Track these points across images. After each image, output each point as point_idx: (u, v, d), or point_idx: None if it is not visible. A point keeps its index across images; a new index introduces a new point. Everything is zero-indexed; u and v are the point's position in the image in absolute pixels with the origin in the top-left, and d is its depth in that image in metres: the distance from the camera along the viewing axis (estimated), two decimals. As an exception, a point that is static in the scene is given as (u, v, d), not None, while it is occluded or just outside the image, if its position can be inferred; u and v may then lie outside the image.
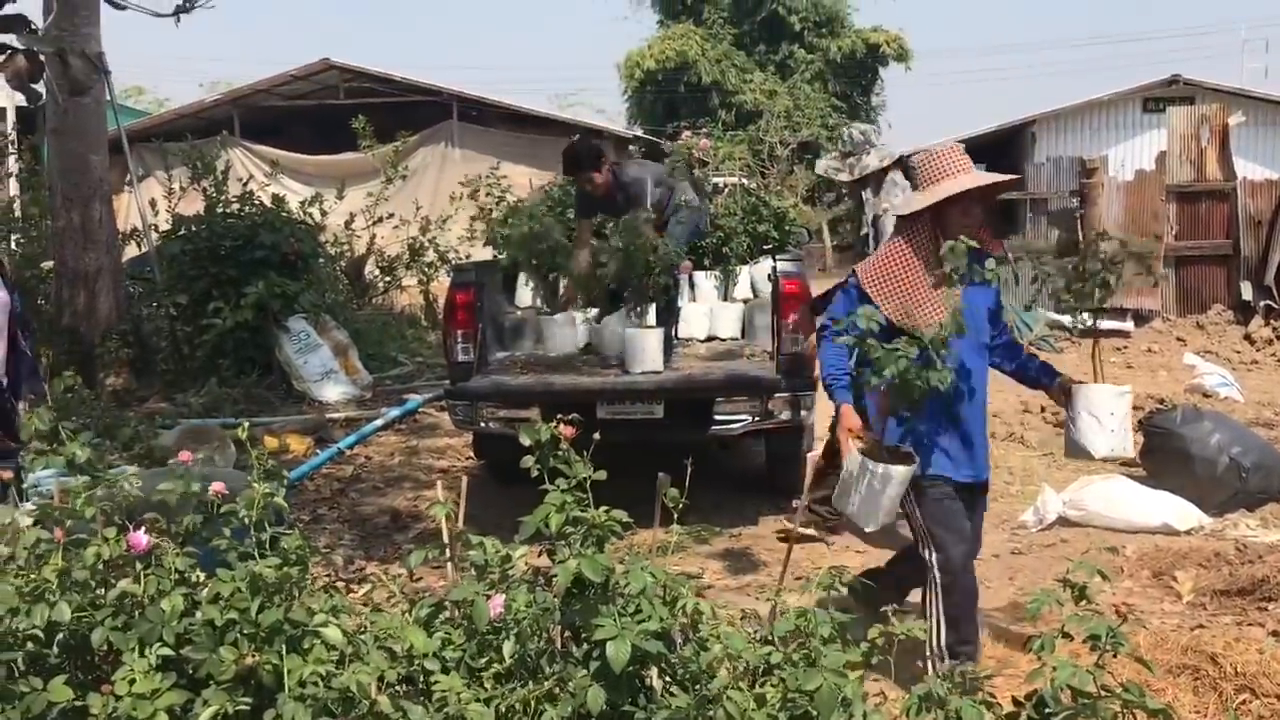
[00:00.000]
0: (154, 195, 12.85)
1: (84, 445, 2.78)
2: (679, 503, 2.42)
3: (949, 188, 3.75)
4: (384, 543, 6.17)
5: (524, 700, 2.18)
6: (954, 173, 3.78)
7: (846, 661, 2.07)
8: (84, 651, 2.35)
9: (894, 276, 3.82)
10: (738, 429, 6.19)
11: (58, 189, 10.23)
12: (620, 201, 6.86)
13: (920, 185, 3.90)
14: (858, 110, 32.43)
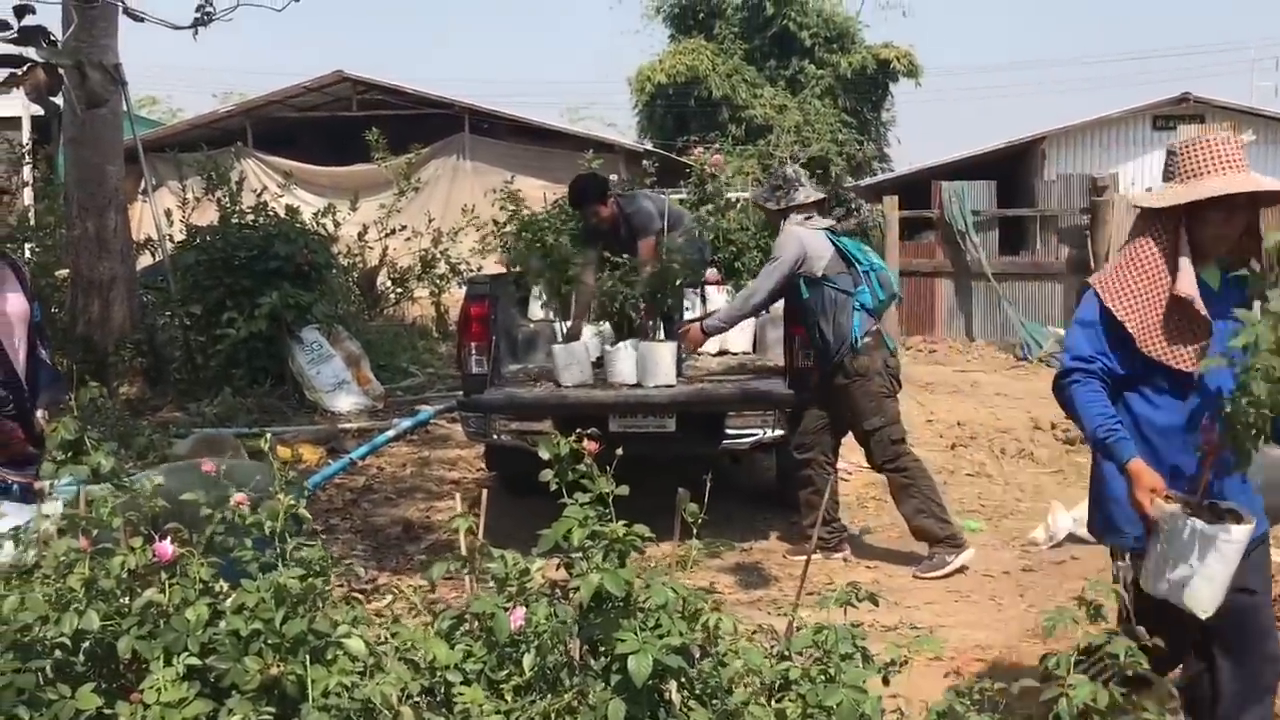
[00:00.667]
0: (168, 205, 12.93)
1: (108, 454, 2.82)
2: (698, 518, 2.44)
3: (1216, 186, 2.98)
4: (396, 553, 6.20)
5: (544, 713, 2.20)
6: (1225, 168, 3.00)
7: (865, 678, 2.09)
8: (110, 660, 2.38)
9: (1137, 289, 3.06)
10: (749, 443, 6.21)
11: (73, 198, 10.30)
12: (624, 234, 6.97)
13: (1179, 176, 3.09)
14: (867, 125, 32.49)
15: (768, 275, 5.90)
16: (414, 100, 19.61)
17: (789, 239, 5.89)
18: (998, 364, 13.28)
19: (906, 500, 5.77)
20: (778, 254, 5.90)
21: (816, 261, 5.82)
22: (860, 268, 5.88)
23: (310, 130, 20.51)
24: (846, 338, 5.74)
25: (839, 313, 5.76)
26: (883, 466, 5.90)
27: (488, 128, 20.18)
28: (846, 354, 5.74)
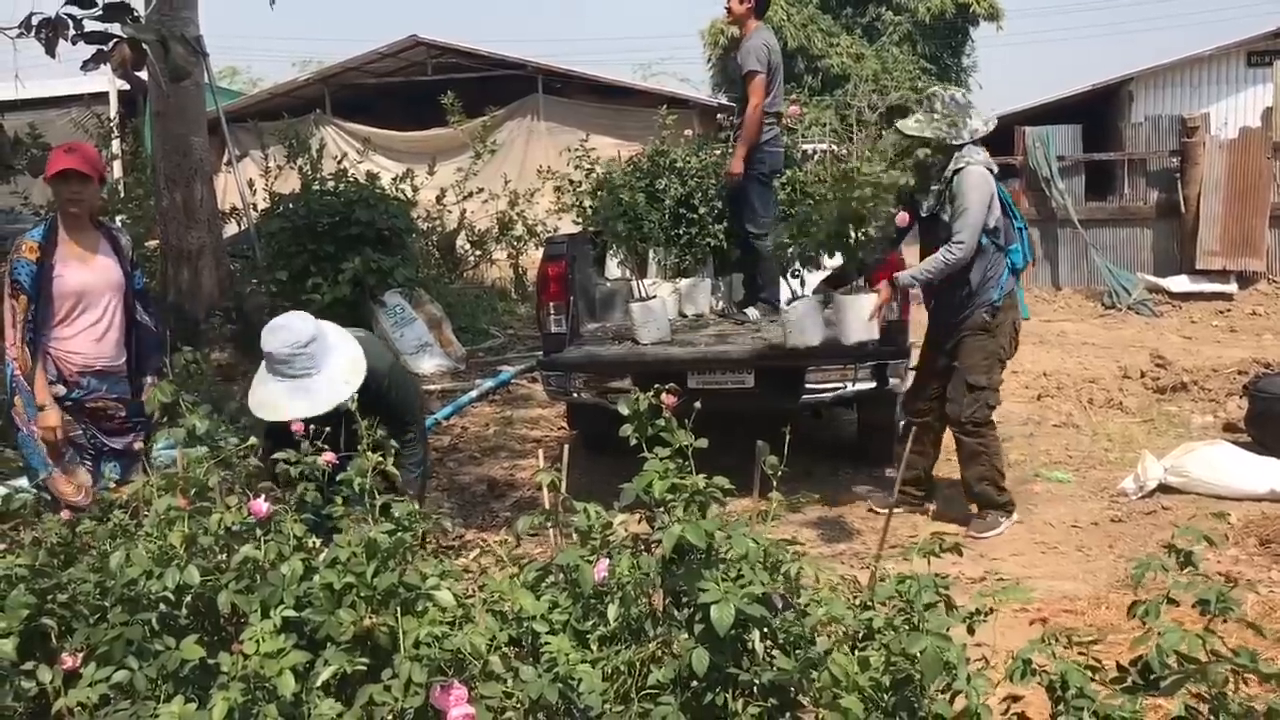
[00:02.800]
0: (251, 174, 13.18)
1: (203, 418, 2.91)
2: (778, 470, 2.45)
3: None
4: (482, 511, 6.31)
5: (629, 662, 2.24)
6: None
7: (949, 626, 2.09)
8: (211, 613, 2.47)
9: None
10: (829, 397, 6.18)
11: (161, 170, 10.54)
12: (736, 60, 7.01)
13: None
14: (948, 72, 31.76)
15: (972, 224, 5.27)
16: (488, 62, 19.64)
17: (979, 178, 5.32)
18: (1085, 312, 13.00)
19: (974, 466, 5.61)
20: (971, 194, 5.29)
21: (995, 207, 5.40)
22: (1016, 223, 5.55)
23: (387, 96, 20.66)
24: (990, 295, 5.42)
25: (990, 267, 5.39)
26: (965, 427, 5.55)
27: (561, 87, 20.15)
28: (985, 310, 5.42)
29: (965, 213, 5.28)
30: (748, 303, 7.04)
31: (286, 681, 2.08)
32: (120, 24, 3.89)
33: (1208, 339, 11.32)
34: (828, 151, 8.20)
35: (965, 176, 5.31)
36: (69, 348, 4.37)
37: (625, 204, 7.02)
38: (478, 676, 2.16)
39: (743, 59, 6.81)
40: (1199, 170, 13.24)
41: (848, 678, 1.92)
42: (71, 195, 4.33)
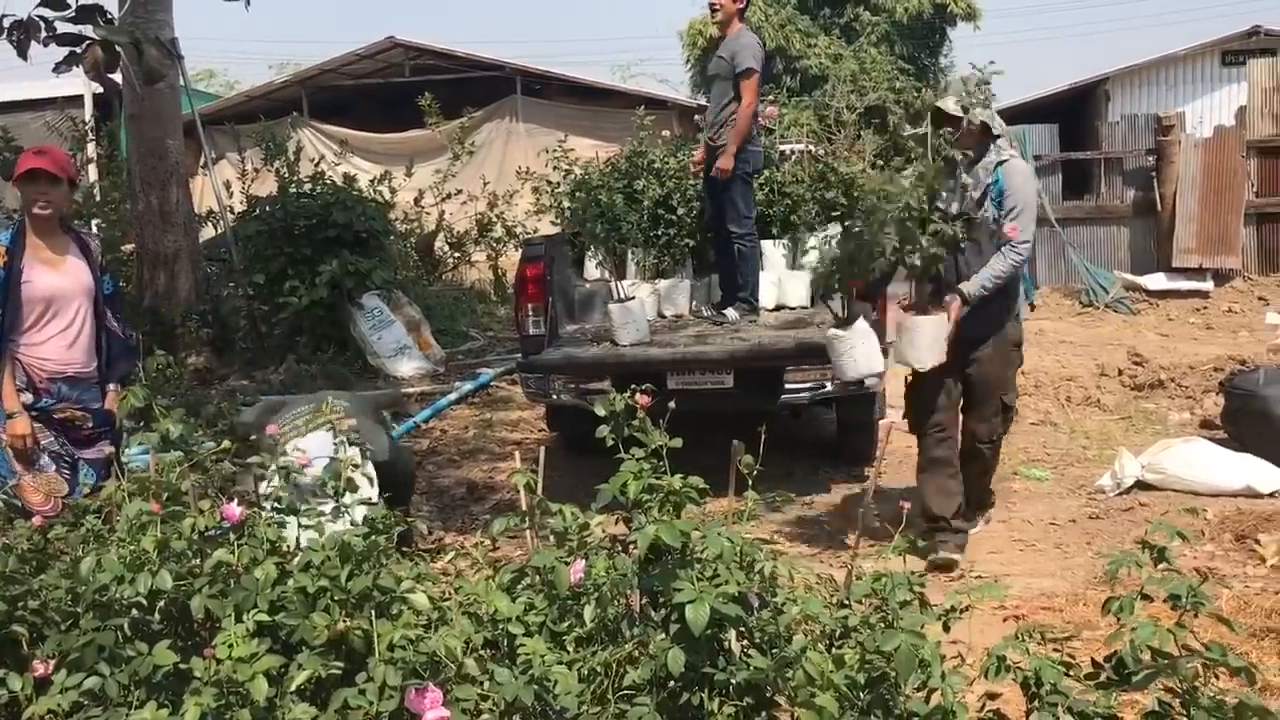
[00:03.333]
0: (228, 177, 13.10)
1: (177, 422, 2.89)
2: (753, 469, 2.44)
3: None
4: (461, 514, 6.29)
5: (605, 663, 2.23)
6: None
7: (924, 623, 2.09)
8: (184, 618, 2.45)
9: None
10: (808, 397, 6.19)
11: (136, 174, 10.47)
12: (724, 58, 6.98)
13: None
14: (926, 72, 31.88)
15: (1027, 222, 4.90)
16: (466, 64, 19.61)
17: (1027, 171, 5.04)
18: (1063, 310, 13.07)
19: (982, 475, 5.45)
20: (1026, 189, 4.96)
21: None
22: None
23: (364, 98, 20.61)
24: (1018, 305, 5.18)
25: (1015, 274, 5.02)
26: (988, 440, 5.26)
27: (539, 89, 20.14)
28: (1010, 321, 5.12)
29: (1023, 210, 4.88)
30: (726, 303, 7.05)
31: (260, 686, 2.07)
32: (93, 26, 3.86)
33: (1184, 336, 11.40)
34: (805, 152, 8.23)
35: (1013, 169, 4.91)
36: (39, 354, 4.32)
37: (603, 205, 7.03)
38: (453, 679, 2.15)
39: (738, 57, 6.81)
40: (1175, 169, 13.34)
41: (823, 676, 1.93)
42: (39, 196, 4.28)
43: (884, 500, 5.28)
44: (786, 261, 7.47)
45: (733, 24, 6.94)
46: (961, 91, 4.90)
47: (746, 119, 6.75)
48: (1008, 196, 4.86)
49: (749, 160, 6.83)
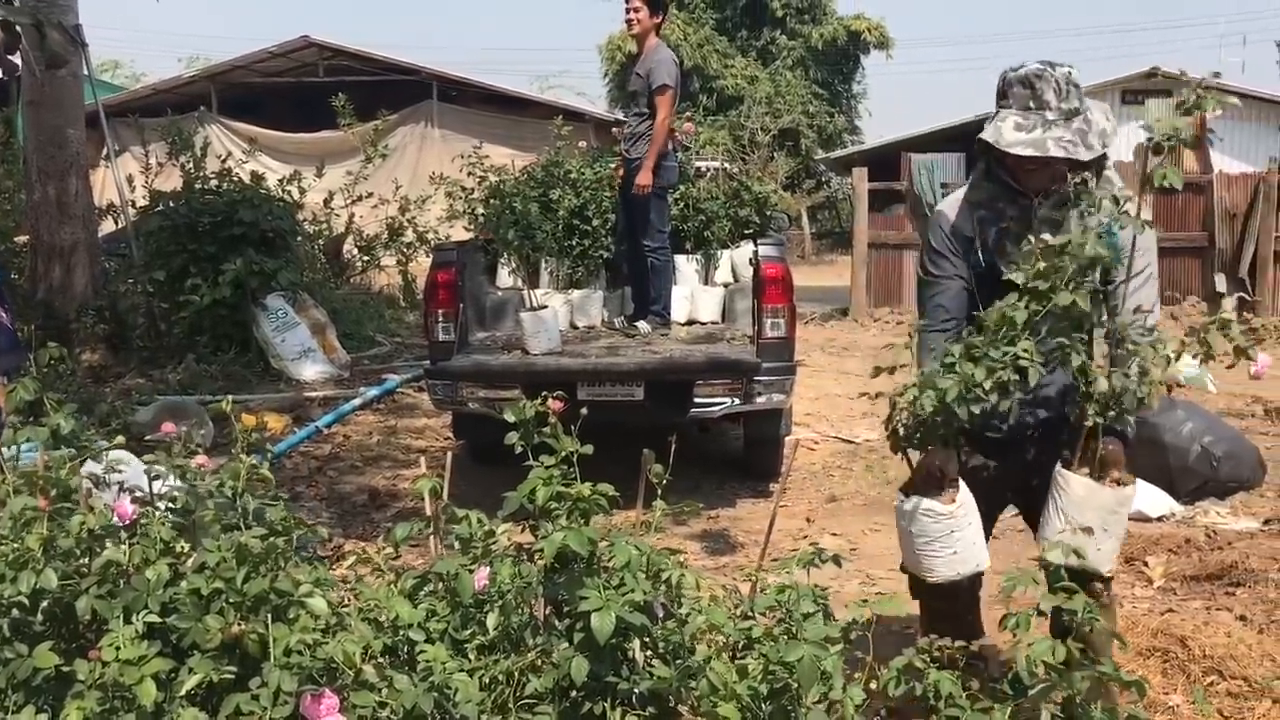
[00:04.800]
0: (131, 171, 12.76)
1: (68, 417, 2.79)
2: (663, 479, 2.44)
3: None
4: (362, 521, 6.18)
5: (508, 671, 2.21)
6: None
7: (825, 636, 2.11)
8: (69, 620, 2.36)
9: None
10: (717, 412, 6.22)
11: (33, 162, 10.14)
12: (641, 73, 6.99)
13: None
14: (838, 98, 32.49)
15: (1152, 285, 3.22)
16: (381, 66, 19.43)
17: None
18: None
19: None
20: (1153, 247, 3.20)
21: None
22: None
23: (276, 96, 20.27)
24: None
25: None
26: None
27: (456, 95, 20.03)
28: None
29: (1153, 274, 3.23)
30: (638, 316, 7.06)
31: (147, 690, 1.99)
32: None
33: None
34: (720, 169, 8.30)
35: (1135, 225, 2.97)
36: None
37: (518, 213, 7.00)
38: (350, 685, 2.10)
39: (654, 74, 6.83)
40: (1074, 201, 13.74)
41: (726, 686, 1.93)
42: None
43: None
44: (700, 277, 7.51)
45: (649, 39, 6.96)
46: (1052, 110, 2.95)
47: (661, 134, 6.79)
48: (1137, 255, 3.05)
49: (664, 175, 6.86)
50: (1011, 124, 2.95)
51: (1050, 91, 2.94)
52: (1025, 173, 3.02)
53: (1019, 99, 2.96)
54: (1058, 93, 2.93)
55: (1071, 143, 2.93)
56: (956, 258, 3.15)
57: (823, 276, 21.38)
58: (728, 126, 26.94)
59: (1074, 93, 2.95)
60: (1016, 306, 2.68)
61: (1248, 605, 4.60)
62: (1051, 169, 2.98)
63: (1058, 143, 2.92)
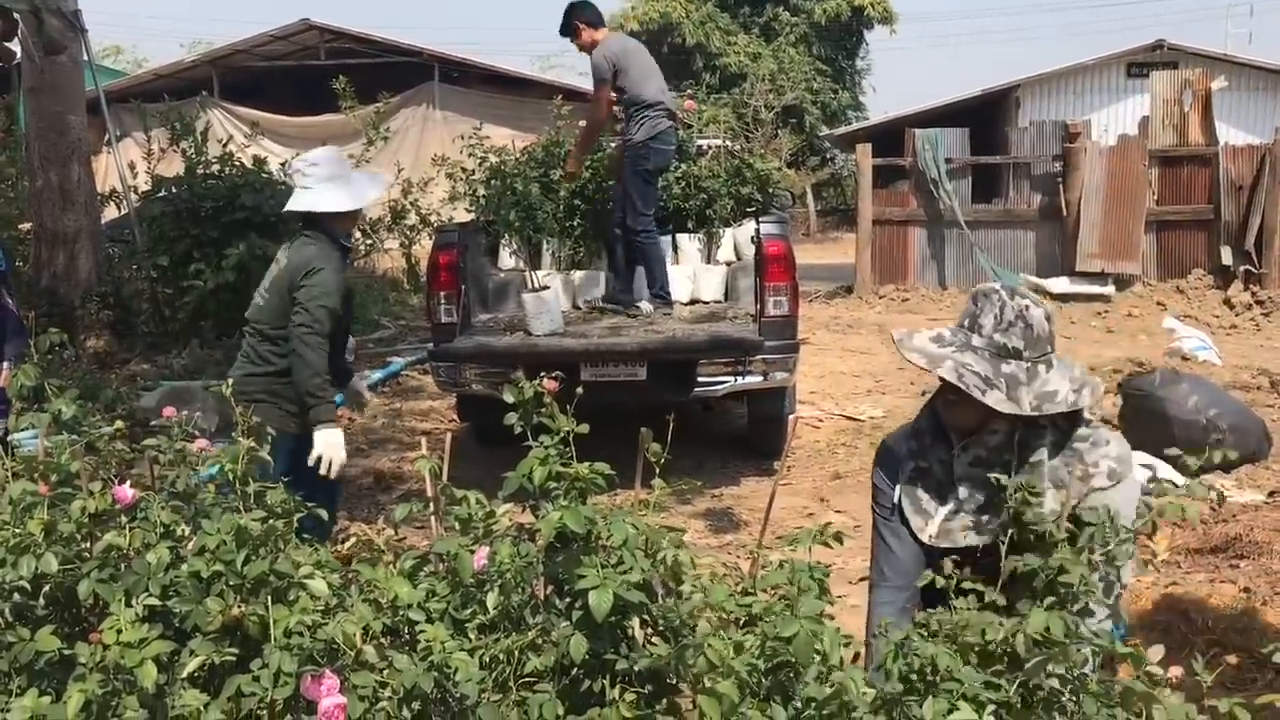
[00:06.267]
0: (133, 157, 12.74)
1: (70, 402, 2.80)
2: (661, 457, 2.44)
3: None
4: (367, 503, 6.20)
5: (508, 650, 2.21)
6: None
7: (822, 611, 2.11)
8: (70, 603, 2.37)
9: None
10: (720, 391, 6.23)
11: (35, 149, 10.13)
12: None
13: None
14: (842, 74, 32.32)
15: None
16: (382, 49, 19.37)
17: (1135, 488, 2.61)
18: (969, 312, 13.33)
19: None
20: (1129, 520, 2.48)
21: None
22: None
23: (277, 80, 20.22)
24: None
25: None
26: None
27: (457, 77, 19.97)
28: None
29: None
30: (640, 296, 7.05)
31: (148, 672, 2.00)
32: (-12, -8, 3.72)
33: (1086, 339, 11.70)
34: (722, 147, 8.27)
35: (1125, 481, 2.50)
36: None
37: (519, 193, 6.99)
38: (350, 666, 2.11)
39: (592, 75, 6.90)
40: (1080, 175, 13.69)
41: (723, 662, 1.93)
42: None
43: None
44: (702, 255, 7.50)
45: (594, 45, 6.90)
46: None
47: (586, 130, 6.95)
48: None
49: (649, 157, 6.79)
50: (932, 334, 2.52)
51: (989, 317, 2.45)
52: (945, 402, 2.52)
53: (964, 314, 2.52)
54: (997, 322, 2.43)
55: (981, 377, 2.40)
56: (890, 494, 2.66)
57: (828, 254, 21.35)
58: (731, 104, 26.82)
59: (1021, 333, 2.42)
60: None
61: (1252, 578, 4.60)
62: (972, 408, 2.43)
63: (959, 366, 2.41)
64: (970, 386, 2.38)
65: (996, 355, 2.42)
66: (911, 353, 2.48)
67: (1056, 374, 2.44)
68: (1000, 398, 2.37)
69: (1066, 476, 2.42)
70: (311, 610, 2.17)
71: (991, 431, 2.48)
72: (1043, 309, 2.46)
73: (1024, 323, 2.42)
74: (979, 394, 2.37)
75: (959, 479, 2.52)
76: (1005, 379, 2.39)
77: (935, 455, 2.57)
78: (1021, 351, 2.42)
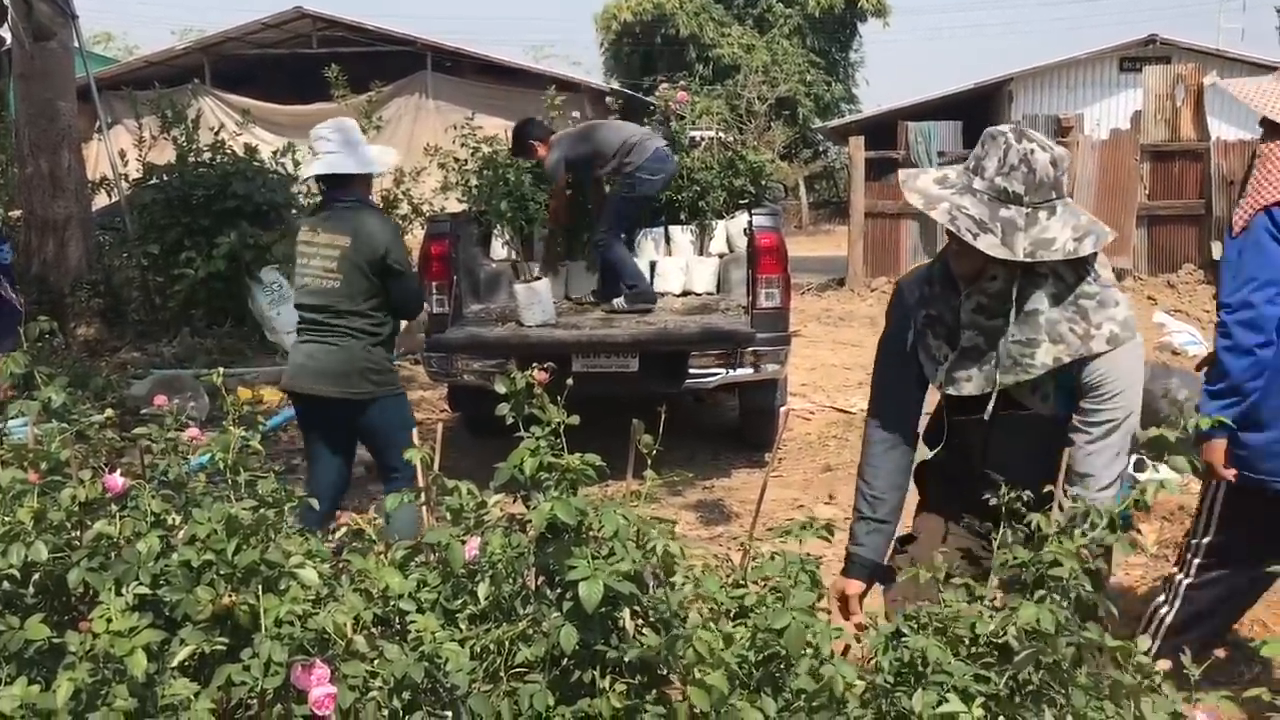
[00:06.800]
0: (123, 144, 12.68)
1: (59, 390, 2.79)
2: (652, 449, 2.44)
3: None
4: (359, 493, 6.19)
5: (498, 640, 2.21)
6: None
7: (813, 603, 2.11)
8: (60, 592, 2.36)
9: None
10: (712, 383, 6.23)
11: (25, 136, 10.09)
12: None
13: None
14: (835, 66, 32.33)
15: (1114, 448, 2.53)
16: (375, 37, 19.30)
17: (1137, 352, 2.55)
18: (961, 305, 13.36)
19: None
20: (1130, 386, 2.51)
21: None
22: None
23: (269, 68, 20.15)
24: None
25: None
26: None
27: (451, 66, 19.91)
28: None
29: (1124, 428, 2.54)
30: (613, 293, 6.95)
31: (138, 660, 2.00)
32: (-23, -23, 3.70)
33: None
34: (715, 139, 8.26)
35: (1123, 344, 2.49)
36: None
37: (511, 184, 6.97)
38: (341, 655, 2.11)
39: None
40: (1072, 169, 13.71)
41: (713, 654, 1.93)
42: None
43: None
44: (695, 247, 7.49)
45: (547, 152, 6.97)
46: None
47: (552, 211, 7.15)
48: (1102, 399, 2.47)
49: (635, 186, 6.80)
50: (937, 174, 2.52)
51: (992, 160, 2.41)
52: (952, 252, 2.52)
53: (971, 155, 2.50)
54: (999, 166, 2.40)
55: (975, 220, 2.36)
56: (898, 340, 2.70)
57: (820, 246, 21.34)
58: (724, 95, 26.81)
59: (1023, 178, 2.37)
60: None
61: (1239, 571, 4.61)
62: (973, 257, 2.43)
63: (954, 209, 2.39)
64: (962, 230, 2.37)
65: (996, 199, 2.40)
66: (912, 193, 2.49)
67: (1058, 221, 2.40)
68: (993, 242, 2.35)
69: (1066, 332, 2.43)
70: (302, 600, 2.17)
71: (991, 278, 2.46)
72: (1050, 153, 2.42)
73: (1027, 167, 2.39)
74: (970, 237, 2.36)
75: (964, 326, 2.53)
76: (1002, 223, 2.37)
77: (945, 303, 2.58)
78: (1022, 196, 2.39)
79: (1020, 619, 1.91)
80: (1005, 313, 2.45)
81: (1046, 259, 2.37)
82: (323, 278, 4.42)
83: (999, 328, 2.45)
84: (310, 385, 4.43)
